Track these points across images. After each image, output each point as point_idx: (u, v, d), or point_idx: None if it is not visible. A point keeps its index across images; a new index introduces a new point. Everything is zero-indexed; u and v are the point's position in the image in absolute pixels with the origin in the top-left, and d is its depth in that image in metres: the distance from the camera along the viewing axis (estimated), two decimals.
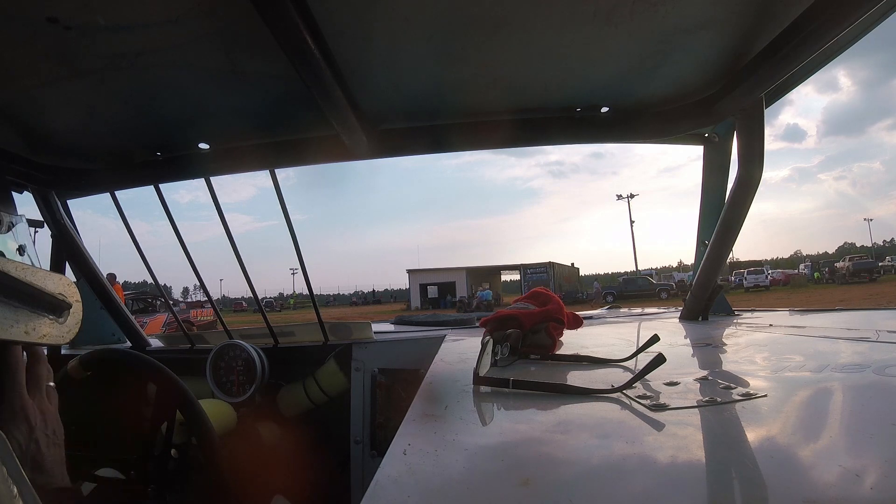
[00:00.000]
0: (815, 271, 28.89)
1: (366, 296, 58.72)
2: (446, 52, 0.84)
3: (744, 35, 0.85)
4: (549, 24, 0.79)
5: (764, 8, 0.78)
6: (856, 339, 0.81)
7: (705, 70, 0.97)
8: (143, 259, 1.44)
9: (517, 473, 0.36)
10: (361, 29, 0.77)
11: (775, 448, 0.36)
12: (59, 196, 1.37)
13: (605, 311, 2.16)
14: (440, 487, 0.35)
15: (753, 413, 0.44)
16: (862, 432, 0.38)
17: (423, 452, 0.43)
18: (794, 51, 0.78)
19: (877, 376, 0.53)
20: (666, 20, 0.78)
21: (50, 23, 0.68)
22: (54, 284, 0.48)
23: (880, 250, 53.76)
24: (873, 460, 0.32)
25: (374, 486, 0.35)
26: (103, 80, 0.85)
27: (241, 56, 0.82)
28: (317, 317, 1.43)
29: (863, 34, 0.88)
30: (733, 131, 1.16)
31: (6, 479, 0.31)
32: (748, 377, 0.57)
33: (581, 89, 1.05)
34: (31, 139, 1.10)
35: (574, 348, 0.89)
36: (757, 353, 0.75)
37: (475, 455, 0.41)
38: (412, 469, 0.39)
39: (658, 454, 0.37)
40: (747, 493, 0.31)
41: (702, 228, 1.39)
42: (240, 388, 1.32)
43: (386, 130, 1.14)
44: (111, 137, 1.14)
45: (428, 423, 0.49)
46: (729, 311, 1.45)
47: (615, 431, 0.43)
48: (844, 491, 0.28)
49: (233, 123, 1.09)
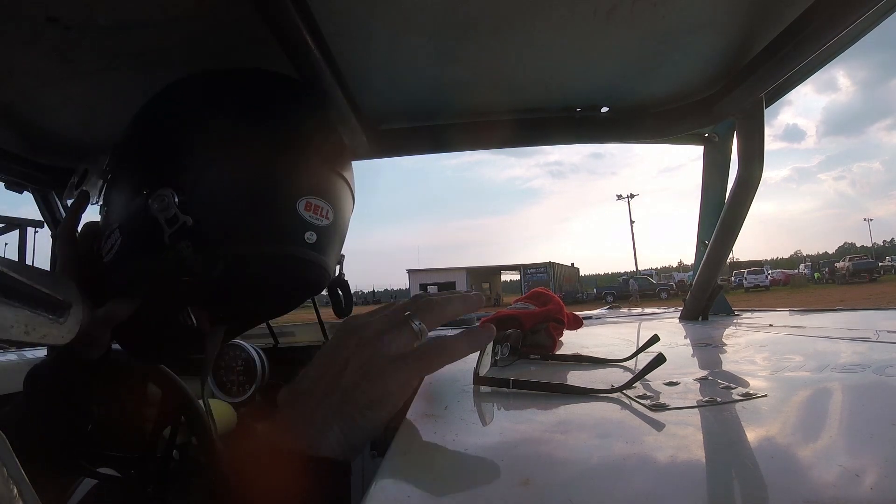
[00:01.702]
0: (815, 271, 28.90)
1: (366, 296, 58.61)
2: (447, 52, 0.84)
3: (744, 35, 0.85)
4: (549, 24, 0.79)
5: (764, 8, 0.78)
6: (856, 339, 0.81)
7: (705, 70, 0.97)
8: None
9: (517, 473, 0.36)
10: (361, 29, 0.77)
11: (775, 448, 0.36)
12: (59, 196, 1.37)
13: (605, 311, 2.16)
14: (440, 487, 0.35)
15: (753, 413, 0.44)
16: (862, 432, 0.38)
17: (423, 452, 0.43)
18: (795, 51, 0.78)
19: (877, 376, 0.53)
20: (666, 20, 0.78)
21: (50, 23, 0.68)
22: (55, 285, 0.48)
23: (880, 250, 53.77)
24: (873, 460, 0.32)
25: (375, 486, 0.35)
26: (103, 80, 0.85)
27: (241, 56, 0.82)
28: (317, 317, 1.43)
29: (862, 34, 0.88)
30: (733, 131, 1.16)
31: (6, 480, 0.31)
32: (748, 377, 0.57)
33: (581, 89, 1.05)
34: (31, 139, 1.10)
35: (574, 348, 0.89)
36: (757, 353, 0.75)
37: (475, 455, 0.41)
38: (412, 469, 0.39)
39: (658, 454, 0.37)
40: (747, 493, 0.31)
41: (702, 228, 1.39)
42: (240, 389, 1.32)
43: (386, 130, 1.14)
44: (111, 137, 1.13)
45: (428, 423, 0.49)
46: (729, 311, 1.45)
47: (615, 431, 0.43)
48: (844, 491, 0.28)
49: None
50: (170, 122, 0.67)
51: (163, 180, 0.59)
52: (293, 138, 0.66)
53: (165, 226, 0.57)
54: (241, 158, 0.62)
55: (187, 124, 0.66)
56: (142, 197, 0.59)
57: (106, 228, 0.66)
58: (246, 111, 0.67)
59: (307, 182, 0.65)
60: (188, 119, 0.66)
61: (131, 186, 0.63)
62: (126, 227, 0.62)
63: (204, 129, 0.64)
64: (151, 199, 0.58)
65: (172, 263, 0.58)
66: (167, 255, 0.57)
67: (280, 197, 0.62)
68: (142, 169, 0.64)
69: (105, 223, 0.68)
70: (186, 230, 0.57)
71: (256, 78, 0.72)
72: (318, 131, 0.72)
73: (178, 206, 0.57)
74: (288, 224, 0.62)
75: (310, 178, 0.65)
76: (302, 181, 0.64)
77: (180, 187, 0.58)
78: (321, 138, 0.71)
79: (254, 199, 0.61)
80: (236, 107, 0.67)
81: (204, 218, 0.58)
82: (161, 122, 0.67)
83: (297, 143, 0.66)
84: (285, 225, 0.62)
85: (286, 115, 0.70)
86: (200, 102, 0.68)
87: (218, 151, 0.62)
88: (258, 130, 0.65)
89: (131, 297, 0.65)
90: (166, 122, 0.67)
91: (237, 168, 0.62)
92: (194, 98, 0.69)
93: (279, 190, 0.63)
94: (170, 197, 0.57)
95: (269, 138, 0.65)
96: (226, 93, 0.69)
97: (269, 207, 0.62)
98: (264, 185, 0.62)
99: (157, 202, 0.57)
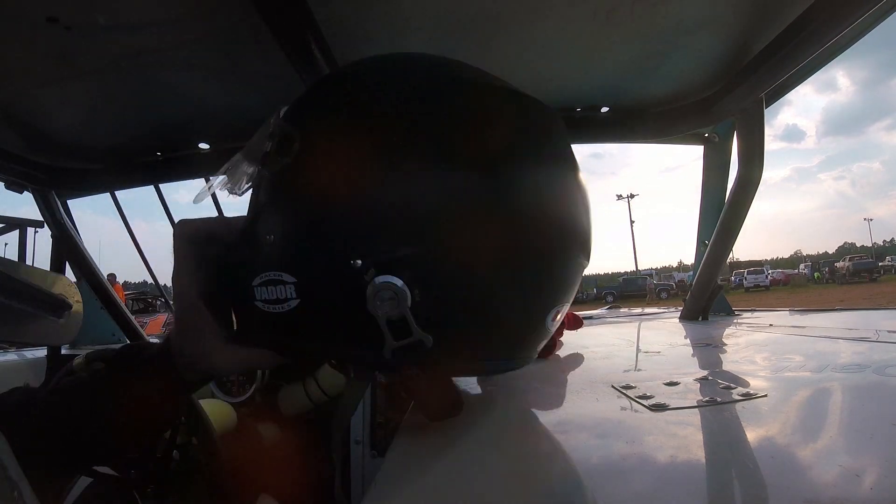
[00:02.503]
0: (815, 271, 28.90)
1: None
2: (446, 52, 0.84)
3: (744, 35, 0.85)
4: (548, 24, 0.79)
5: (764, 8, 0.78)
6: (856, 339, 0.81)
7: (705, 70, 0.97)
8: (144, 259, 1.44)
9: (517, 473, 0.36)
10: (361, 28, 0.77)
11: (775, 448, 0.36)
12: (59, 196, 1.37)
13: (605, 311, 2.16)
14: (440, 487, 0.35)
15: (753, 413, 0.44)
16: (862, 432, 0.38)
17: (423, 452, 0.43)
18: (794, 51, 0.78)
19: (877, 376, 0.53)
20: (666, 20, 0.78)
21: (50, 23, 0.68)
22: (54, 285, 0.48)
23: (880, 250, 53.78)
24: (873, 460, 0.32)
25: (375, 486, 0.35)
26: (103, 80, 0.85)
27: (240, 56, 0.82)
28: None
29: (862, 34, 0.88)
30: (733, 131, 1.16)
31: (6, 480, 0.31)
32: (748, 377, 0.57)
33: (581, 89, 1.05)
34: (32, 139, 1.10)
35: (574, 348, 0.89)
36: (757, 353, 0.75)
37: (475, 455, 0.41)
38: (412, 469, 0.39)
39: (658, 454, 0.37)
40: (747, 493, 0.31)
41: (702, 228, 1.39)
42: (240, 388, 1.32)
43: None
44: (111, 137, 1.14)
45: (427, 423, 0.49)
46: (729, 311, 1.45)
47: (615, 431, 0.43)
48: (844, 491, 0.28)
49: (233, 123, 1.09)
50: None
51: (385, 254, 0.39)
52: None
53: (386, 331, 0.39)
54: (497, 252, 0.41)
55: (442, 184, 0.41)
56: (352, 268, 0.39)
57: (262, 266, 0.44)
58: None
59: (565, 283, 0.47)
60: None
61: (330, 241, 0.41)
62: (320, 298, 0.42)
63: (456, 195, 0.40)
64: (368, 276, 0.39)
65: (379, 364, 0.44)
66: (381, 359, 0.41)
67: (534, 310, 0.45)
68: (355, 226, 0.41)
69: (265, 258, 0.45)
70: (413, 347, 0.40)
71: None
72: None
73: (412, 310, 0.38)
74: (530, 339, 0.47)
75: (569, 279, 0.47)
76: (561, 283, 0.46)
77: (416, 279, 0.39)
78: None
79: (501, 313, 0.43)
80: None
81: (440, 335, 0.40)
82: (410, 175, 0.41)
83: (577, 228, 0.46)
84: (527, 342, 0.47)
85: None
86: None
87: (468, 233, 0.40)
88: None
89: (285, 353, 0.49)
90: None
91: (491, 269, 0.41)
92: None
93: (535, 300, 0.44)
94: (401, 292, 0.38)
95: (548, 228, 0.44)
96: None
97: (517, 324, 0.45)
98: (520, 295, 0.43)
99: (381, 295, 0.38)
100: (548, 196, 0.44)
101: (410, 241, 0.40)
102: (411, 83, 0.46)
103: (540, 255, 0.43)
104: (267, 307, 0.45)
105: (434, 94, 0.44)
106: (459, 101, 0.45)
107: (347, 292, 0.40)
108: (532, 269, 0.43)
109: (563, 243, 0.45)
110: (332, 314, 0.43)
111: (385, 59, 0.53)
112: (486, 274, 0.41)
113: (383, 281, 0.38)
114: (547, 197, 0.44)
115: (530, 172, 0.43)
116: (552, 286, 0.45)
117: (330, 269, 0.41)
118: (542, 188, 0.44)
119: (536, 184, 0.44)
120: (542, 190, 0.44)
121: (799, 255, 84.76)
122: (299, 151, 0.44)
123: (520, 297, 0.43)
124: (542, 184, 0.44)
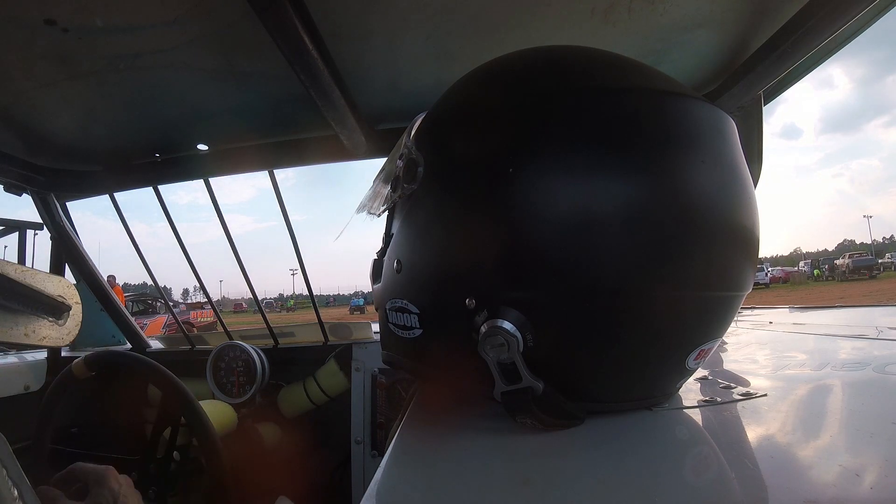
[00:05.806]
0: (814, 269, 28.88)
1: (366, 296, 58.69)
2: (444, 51, 0.84)
3: (741, 32, 0.85)
4: (546, 22, 0.79)
5: (761, 5, 0.77)
6: (856, 336, 0.81)
7: (703, 67, 0.97)
8: (143, 261, 1.44)
9: (517, 473, 0.36)
10: (359, 29, 0.76)
11: (775, 448, 0.36)
12: (58, 198, 1.37)
13: None
14: (440, 487, 0.35)
15: (753, 413, 0.44)
16: (862, 431, 0.38)
17: (423, 452, 0.43)
18: (792, 48, 0.78)
19: (877, 374, 0.53)
20: (663, 18, 0.78)
21: (48, 25, 0.67)
22: (54, 287, 0.48)
23: (880, 247, 53.78)
24: (873, 459, 0.32)
25: (375, 485, 0.35)
26: (102, 81, 0.85)
27: (239, 57, 0.82)
28: (317, 317, 1.43)
29: (860, 31, 0.88)
30: None
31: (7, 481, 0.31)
32: (748, 376, 0.57)
33: None
34: (30, 141, 1.10)
35: None
36: (757, 352, 0.75)
37: (475, 455, 0.41)
38: (412, 469, 0.39)
39: (658, 454, 0.37)
40: (747, 493, 0.31)
41: None
42: (240, 389, 1.32)
43: (384, 130, 1.14)
44: (110, 139, 1.13)
45: (427, 423, 0.49)
46: None
47: (615, 431, 0.43)
48: (844, 491, 0.28)
49: (231, 124, 1.09)
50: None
51: (499, 296, 0.38)
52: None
53: (497, 374, 0.38)
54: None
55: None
56: (466, 308, 0.39)
57: (391, 291, 0.45)
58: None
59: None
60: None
61: (446, 277, 0.41)
62: (438, 332, 0.42)
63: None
64: (480, 318, 0.38)
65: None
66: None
67: (669, 353, 0.41)
68: (470, 265, 0.39)
69: (394, 284, 0.46)
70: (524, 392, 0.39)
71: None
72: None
73: (523, 357, 0.37)
74: (660, 384, 0.44)
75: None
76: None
77: (530, 324, 0.37)
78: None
79: (622, 361, 0.40)
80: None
81: (555, 380, 0.39)
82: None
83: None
84: (657, 386, 0.44)
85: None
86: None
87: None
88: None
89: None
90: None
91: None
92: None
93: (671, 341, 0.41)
94: (511, 339, 0.37)
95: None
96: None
97: (645, 369, 0.42)
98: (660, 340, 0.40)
99: (491, 340, 0.37)
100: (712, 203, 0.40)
101: (526, 284, 0.37)
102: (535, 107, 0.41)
103: (693, 295, 0.37)
104: (398, 332, 0.45)
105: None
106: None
107: (461, 331, 0.39)
108: (674, 309, 0.38)
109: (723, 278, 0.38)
110: (449, 350, 0.42)
111: (506, 69, 0.47)
112: (609, 320, 0.38)
113: (495, 325, 0.37)
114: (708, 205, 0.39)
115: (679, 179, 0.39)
116: (697, 322, 0.39)
117: (446, 305, 0.41)
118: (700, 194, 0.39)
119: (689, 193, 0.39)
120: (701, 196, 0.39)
121: (798, 252, 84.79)
122: (423, 178, 0.43)
123: (652, 339, 0.39)
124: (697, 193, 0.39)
